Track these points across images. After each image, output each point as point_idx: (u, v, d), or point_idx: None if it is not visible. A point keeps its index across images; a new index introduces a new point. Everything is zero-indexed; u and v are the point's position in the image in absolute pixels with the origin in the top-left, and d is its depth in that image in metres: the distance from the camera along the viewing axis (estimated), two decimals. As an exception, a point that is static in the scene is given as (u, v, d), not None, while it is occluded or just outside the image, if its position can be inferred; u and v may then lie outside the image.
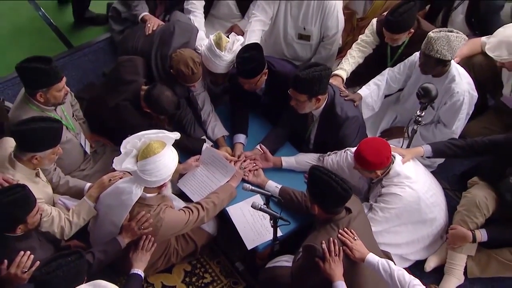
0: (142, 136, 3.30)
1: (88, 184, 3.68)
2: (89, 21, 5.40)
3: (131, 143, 3.29)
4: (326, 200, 3.19)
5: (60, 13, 5.45)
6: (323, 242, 3.17)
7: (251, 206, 3.48)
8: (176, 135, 3.37)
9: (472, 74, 4.18)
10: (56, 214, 3.36)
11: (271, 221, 3.50)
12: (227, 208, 3.76)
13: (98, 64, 4.81)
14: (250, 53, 3.94)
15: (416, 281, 3.09)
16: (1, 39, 4.92)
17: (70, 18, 5.39)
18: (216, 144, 4.18)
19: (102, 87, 4.28)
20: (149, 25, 4.46)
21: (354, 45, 4.52)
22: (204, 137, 4.15)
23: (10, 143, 3.47)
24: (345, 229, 3.22)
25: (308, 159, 4.03)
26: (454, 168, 4.49)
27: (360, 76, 4.44)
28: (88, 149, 4.06)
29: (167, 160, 3.27)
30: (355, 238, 3.22)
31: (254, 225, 3.71)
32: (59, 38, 5.25)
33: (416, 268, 3.88)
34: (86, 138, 4.08)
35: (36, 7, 5.48)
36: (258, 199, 3.70)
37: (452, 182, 4.31)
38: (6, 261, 2.91)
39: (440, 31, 3.86)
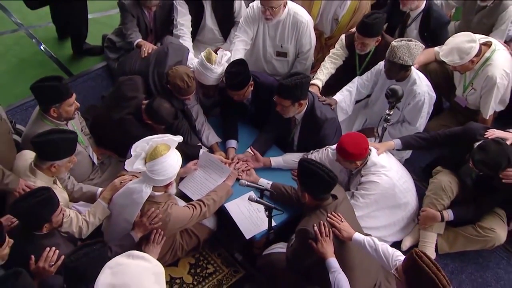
0: (149, 140, 3.32)
1: (100, 189, 3.69)
2: (86, 52, 5.42)
3: (140, 146, 3.32)
4: (315, 188, 3.28)
5: (60, 46, 5.48)
6: (315, 225, 3.24)
7: (248, 199, 3.52)
8: (179, 138, 3.41)
9: (428, 79, 4.30)
10: (74, 216, 3.36)
11: (266, 212, 3.52)
12: (225, 205, 3.78)
13: (97, 89, 4.84)
14: (237, 68, 4.03)
15: (398, 253, 3.16)
16: (8, 71, 4.95)
17: (69, 50, 5.43)
18: (211, 150, 4.20)
19: (105, 105, 4.29)
20: (144, 49, 4.53)
21: (326, 58, 4.63)
22: (199, 144, 4.17)
23: (29, 155, 3.50)
24: (333, 213, 3.30)
25: (293, 157, 4.06)
26: (419, 162, 4.57)
27: (333, 85, 4.50)
28: (95, 161, 4.07)
29: (173, 160, 3.30)
30: (342, 220, 3.31)
31: (250, 218, 3.74)
32: (60, 68, 5.28)
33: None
34: (93, 151, 4.08)
35: (37, 42, 5.52)
36: (253, 195, 3.69)
37: (419, 174, 4.38)
38: (33, 256, 2.93)
39: (401, 41, 4.02)
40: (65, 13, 5.21)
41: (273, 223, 3.59)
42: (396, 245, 3.96)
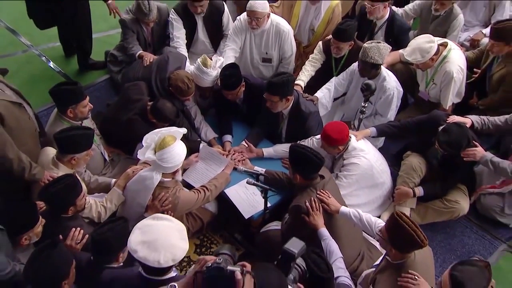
0: (158, 132, 3.40)
1: (113, 180, 3.73)
2: (91, 67, 5.44)
3: (150, 138, 3.39)
4: (305, 168, 3.37)
5: (67, 62, 5.51)
6: (306, 201, 3.33)
7: (247, 182, 3.58)
8: (184, 130, 3.48)
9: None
10: (93, 202, 3.43)
11: (262, 194, 3.56)
12: (225, 191, 3.82)
13: (102, 98, 4.89)
14: (230, 71, 4.12)
15: (380, 220, 3.31)
16: (21, 87, 4.87)
17: (75, 66, 5.47)
18: (209, 144, 4.23)
19: (113, 109, 4.31)
20: (145, 58, 4.59)
21: (307, 62, 4.73)
22: (199, 139, 4.23)
23: (50, 151, 3.54)
24: (321, 190, 3.39)
25: (283, 148, 4.12)
26: (391, 149, 4.63)
27: (314, 86, 4.60)
28: (106, 157, 4.10)
29: (179, 149, 3.37)
30: (330, 196, 3.40)
31: (248, 201, 3.80)
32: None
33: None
34: (104, 149, 4.11)
35: (46, 60, 5.56)
36: (250, 180, 3.71)
37: (391, 160, 4.41)
38: (61, 236, 3.00)
39: (372, 43, 4.15)
40: (71, 32, 5.26)
41: (268, 204, 3.65)
42: None
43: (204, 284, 2.00)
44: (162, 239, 2.35)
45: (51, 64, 5.52)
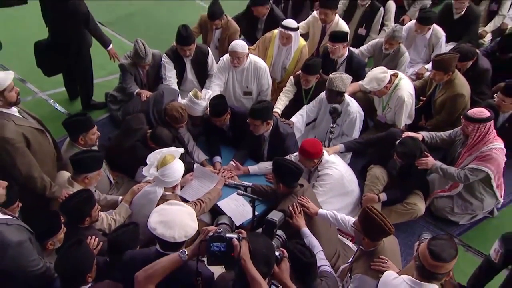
0: (159, 152, 3.52)
1: (120, 197, 3.79)
2: (93, 107, 5.47)
3: (153, 157, 3.50)
4: (287, 178, 3.51)
5: (71, 104, 5.55)
6: (289, 206, 3.45)
7: (237, 193, 3.65)
8: (182, 150, 3.61)
9: (357, 104, 4.59)
10: (104, 216, 3.49)
11: (251, 203, 3.62)
12: (217, 203, 3.89)
13: (104, 133, 4.78)
14: (218, 100, 4.26)
15: (352, 218, 3.40)
16: None
17: (78, 106, 5.51)
18: (201, 165, 4.30)
19: (116, 139, 4.38)
20: (143, 94, 4.69)
21: (281, 93, 4.87)
22: (192, 161, 4.29)
23: (65, 173, 3.63)
24: (301, 196, 3.52)
25: (266, 165, 4.26)
26: (356, 165, 4.64)
27: (288, 113, 4.75)
28: (112, 180, 4.15)
29: (178, 166, 3.49)
30: (309, 201, 3.52)
31: (238, 210, 3.86)
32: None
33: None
34: (109, 173, 4.17)
35: (53, 103, 5.60)
36: (240, 191, 3.74)
37: (357, 174, 4.40)
38: None
39: (336, 74, 4.35)
40: (75, 78, 5.32)
41: (256, 212, 3.68)
42: None
43: (207, 246, 2.18)
44: (176, 219, 2.46)
45: (57, 106, 5.57)
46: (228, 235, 2.22)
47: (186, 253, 2.31)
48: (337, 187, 4.03)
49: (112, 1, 7.14)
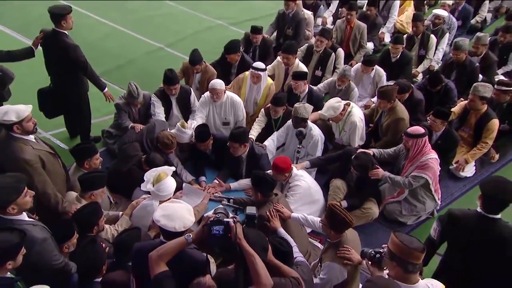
0: (154, 170, 3.69)
1: (120, 212, 3.87)
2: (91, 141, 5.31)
3: (149, 175, 3.67)
4: (263, 188, 3.69)
5: (71, 141, 5.54)
6: (267, 211, 3.62)
7: (221, 204, 3.89)
8: (173, 168, 3.79)
9: (317, 130, 4.87)
10: (108, 227, 3.59)
11: (233, 212, 3.84)
12: (204, 215, 3.82)
13: (102, 164, 5.02)
14: (202, 128, 4.47)
15: (319, 219, 3.57)
16: None
17: (78, 141, 5.44)
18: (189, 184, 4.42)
19: (114, 165, 4.44)
20: (137, 127, 4.83)
21: (254, 123, 5.06)
22: (181, 181, 4.37)
23: (73, 193, 3.70)
24: (276, 203, 3.70)
25: (245, 181, 4.42)
26: (320, 181, 4.66)
27: (261, 139, 4.92)
28: (112, 200, 4.22)
29: (171, 182, 3.65)
30: (283, 206, 3.70)
31: None
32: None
33: (312, 233, 4.22)
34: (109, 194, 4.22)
35: (55, 141, 5.58)
36: (225, 202, 4.06)
37: (321, 187, 4.53)
38: None
39: (299, 104, 4.59)
40: (75, 119, 5.35)
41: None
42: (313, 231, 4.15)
43: (208, 230, 2.37)
44: (177, 213, 2.63)
45: (59, 143, 5.58)
46: (225, 219, 2.43)
47: (191, 236, 2.48)
48: (305, 196, 4.19)
49: (103, 54, 7.34)
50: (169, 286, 2.35)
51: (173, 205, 2.72)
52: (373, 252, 2.82)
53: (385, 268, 2.77)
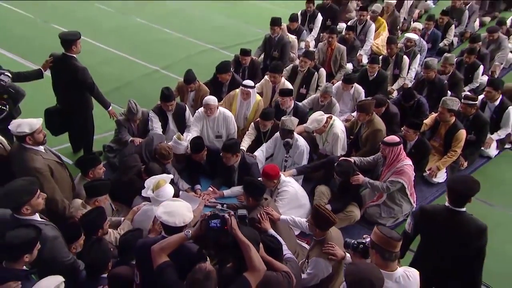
0: (154, 178, 3.78)
1: (122, 218, 3.94)
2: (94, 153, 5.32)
3: (149, 182, 3.76)
4: (255, 193, 3.76)
5: (75, 156, 5.50)
6: (258, 214, 3.69)
7: (216, 208, 4.00)
8: (171, 176, 3.90)
9: (303, 141, 5.04)
10: (111, 231, 3.63)
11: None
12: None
13: (104, 175, 5.03)
14: (197, 140, 4.59)
15: (306, 220, 3.65)
16: None
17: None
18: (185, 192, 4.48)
19: (116, 176, 4.54)
20: (136, 141, 4.91)
21: (245, 136, 5.17)
22: (178, 189, 4.34)
23: (78, 201, 3.78)
24: (266, 207, 3.77)
25: (237, 188, 4.51)
26: (306, 188, 4.66)
27: (251, 150, 5.02)
28: (113, 208, 4.24)
29: (169, 188, 3.72)
30: (272, 209, 3.78)
31: None
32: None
33: (299, 235, 4.27)
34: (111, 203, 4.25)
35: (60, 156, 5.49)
36: (219, 207, 4.13)
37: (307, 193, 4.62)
38: None
39: (286, 117, 4.75)
40: (79, 136, 5.40)
41: None
42: (301, 233, 4.23)
43: (207, 226, 2.48)
44: (177, 210, 2.74)
45: (64, 158, 5.39)
46: (221, 214, 2.55)
47: (190, 232, 2.59)
48: (293, 201, 4.28)
49: (103, 77, 7.45)
50: (171, 274, 2.45)
51: (174, 203, 2.84)
52: (356, 242, 2.95)
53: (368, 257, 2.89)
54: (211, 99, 5.07)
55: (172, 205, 2.80)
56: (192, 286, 2.30)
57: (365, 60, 7.83)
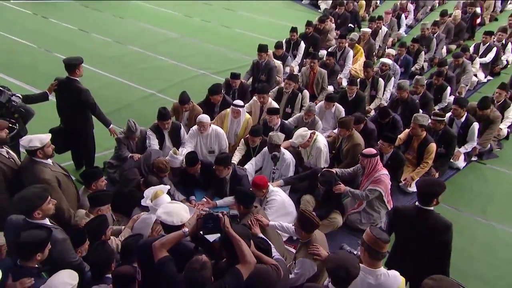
0: (152, 188, 3.87)
1: (123, 226, 3.97)
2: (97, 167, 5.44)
3: (148, 192, 3.83)
4: (245, 201, 3.86)
5: (77, 172, 5.52)
6: (248, 220, 3.79)
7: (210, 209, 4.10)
8: (168, 187, 3.98)
9: (289, 156, 5.21)
10: (113, 238, 3.69)
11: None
12: None
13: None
14: (191, 154, 4.72)
15: (292, 224, 3.76)
16: None
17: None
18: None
19: (116, 187, 4.59)
20: (135, 156, 4.99)
21: (235, 151, 5.29)
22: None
23: (82, 211, 3.83)
24: (256, 214, 3.87)
25: (230, 199, 4.62)
26: (292, 198, 4.75)
27: (242, 164, 5.13)
28: (114, 218, 4.26)
29: (166, 198, 3.77)
30: (262, 216, 3.89)
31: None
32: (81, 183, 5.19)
33: (287, 241, 4.33)
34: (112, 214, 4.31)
35: None
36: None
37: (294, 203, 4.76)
38: None
39: (273, 132, 4.87)
40: (81, 154, 5.47)
41: None
42: (289, 238, 4.33)
43: (202, 223, 2.60)
44: (175, 211, 2.86)
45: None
46: (215, 213, 2.68)
47: (187, 229, 2.71)
48: (280, 209, 4.39)
49: (103, 100, 7.55)
50: (171, 267, 2.55)
51: (172, 205, 2.96)
52: (349, 250, 3.08)
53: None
54: (204, 117, 5.21)
55: (170, 206, 2.92)
56: (190, 274, 2.40)
57: (344, 82, 8.10)
